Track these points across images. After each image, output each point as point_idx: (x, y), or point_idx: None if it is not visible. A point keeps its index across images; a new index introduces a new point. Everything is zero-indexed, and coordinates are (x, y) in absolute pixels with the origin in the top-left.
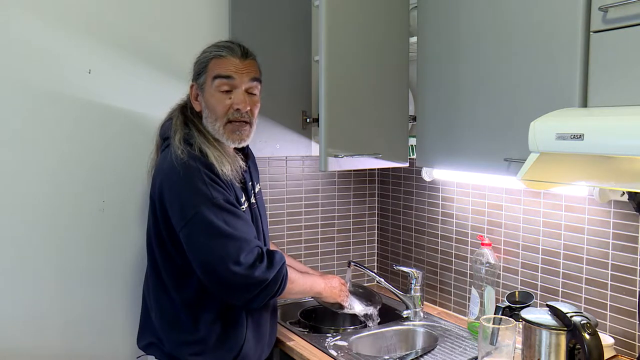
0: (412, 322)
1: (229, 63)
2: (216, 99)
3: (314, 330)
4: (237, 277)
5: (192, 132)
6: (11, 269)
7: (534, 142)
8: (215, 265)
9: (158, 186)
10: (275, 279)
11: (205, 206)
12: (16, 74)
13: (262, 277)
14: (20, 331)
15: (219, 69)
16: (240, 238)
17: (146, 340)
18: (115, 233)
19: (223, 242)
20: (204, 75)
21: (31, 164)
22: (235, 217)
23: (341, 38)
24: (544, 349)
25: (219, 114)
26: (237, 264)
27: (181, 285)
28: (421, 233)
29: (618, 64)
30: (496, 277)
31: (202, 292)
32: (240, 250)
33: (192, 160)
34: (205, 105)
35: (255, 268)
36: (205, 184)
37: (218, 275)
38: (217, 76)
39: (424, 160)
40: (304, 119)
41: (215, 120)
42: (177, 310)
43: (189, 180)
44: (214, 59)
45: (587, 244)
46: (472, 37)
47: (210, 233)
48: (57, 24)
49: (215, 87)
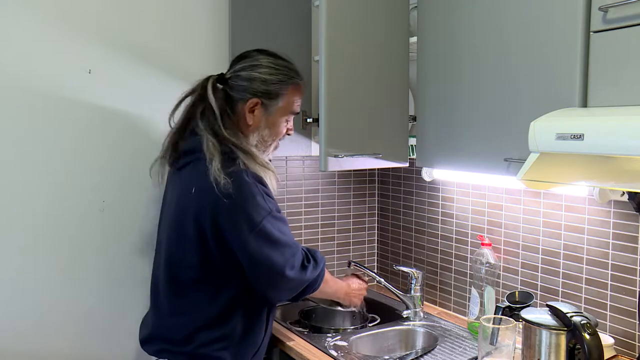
0: (412, 322)
1: (301, 94)
2: (283, 126)
3: (314, 330)
4: (292, 281)
5: (235, 151)
6: (11, 269)
7: (534, 142)
8: (276, 274)
9: (211, 205)
10: (316, 278)
11: (266, 220)
12: (16, 74)
13: (311, 277)
14: (20, 331)
15: (295, 104)
16: (291, 244)
17: (158, 345)
18: (115, 233)
19: (281, 251)
20: (280, 99)
21: (31, 164)
22: (285, 224)
23: (341, 38)
24: (544, 349)
25: (279, 136)
26: (292, 268)
27: (216, 294)
28: (421, 233)
29: (618, 64)
30: (496, 277)
31: (235, 297)
32: (294, 257)
33: (247, 176)
34: (266, 125)
35: (306, 270)
36: (264, 198)
37: (276, 282)
38: (292, 112)
39: (424, 160)
40: (304, 118)
41: (272, 140)
42: (204, 314)
43: (249, 196)
44: (293, 85)
45: (587, 244)
46: (472, 37)
47: (272, 245)
48: (58, 24)
49: (289, 118)
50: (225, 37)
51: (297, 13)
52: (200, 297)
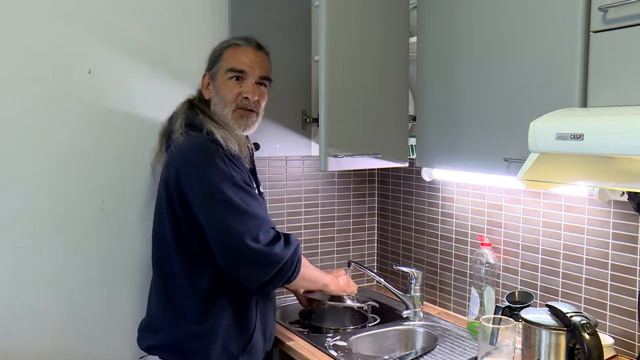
0: (412, 322)
1: (243, 53)
2: (227, 87)
3: (314, 330)
4: (256, 254)
5: (200, 116)
6: (11, 268)
7: (534, 142)
8: (235, 242)
9: (174, 171)
10: (291, 259)
11: (225, 184)
12: (16, 74)
13: (280, 254)
14: (20, 331)
15: (233, 61)
16: (259, 216)
17: (150, 341)
18: (115, 233)
19: (242, 219)
20: (217, 64)
21: (31, 163)
22: (252, 197)
23: (341, 38)
24: (544, 349)
25: (229, 100)
26: (256, 240)
27: (196, 276)
28: (421, 233)
29: (618, 64)
30: (496, 277)
31: (217, 281)
32: (259, 228)
33: (209, 142)
34: (216, 92)
35: (274, 245)
36: (225, 163)
37: (237, 253)
38: (231, 69)
39: (423, 160)
40: (303, 118)
41: (224, 106)
42: (189, 303)
43: (208, 159)
44: (229, 47)
45: (587, 244)
46: (472, 37)
47: (230, 210)
48: (57, 24)
49: (227, 76)
50: (225, 37)
51: (297, 13)
52: (172, 288)
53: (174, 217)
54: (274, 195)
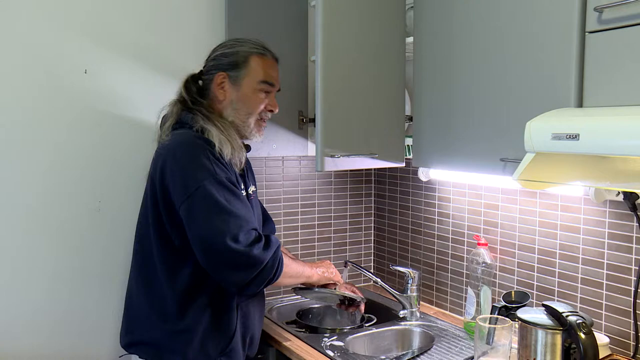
0: (409, 322)
1: (271, 67)
2: (258, 98)
3: (311, 330)
4: (235, 254)
5: (196, 116)
6: (6, 268)
7: (530, 142)
8: (214, 240)
9: (160, 165)
10: (272, 262)
11: (208, 181)
12: (12, 73)
13: (260, 256)
14: (14, 330)
15: (266, 74)
16: (241, 216)
17: (129, 338)
18: (110, 233)
19: (223, 218)
20: (243, 70)
21: (27, 163)
22: (235, 196)
23: (338, 38)
24: (540, 348)
25: (257, 111)
26: (235, 240)
27: (175, 273)
28: (418, 233)
29: (613, 65)
30: (492, 277)
31: (196, 280)
32: (239, 228)
33: (197, 139)
34: (239, 98)
35: (254, 247)
36: (210, 160)
37: (216, 252)
38: (264, 82)
39: (420, 160)
40: (300, 119)
41: (248, 115)
42: (168, 300)
43: (193, 155)
44: (256, 56)
45: (583, 243)
46: (468, 38)
47: (212, 208)
48: (53, 24)
49: (260, 87)
50: (221, 37)
51: (294, 13)
52: (151, 285)
53: (157, 213)
54: (270, 196)
